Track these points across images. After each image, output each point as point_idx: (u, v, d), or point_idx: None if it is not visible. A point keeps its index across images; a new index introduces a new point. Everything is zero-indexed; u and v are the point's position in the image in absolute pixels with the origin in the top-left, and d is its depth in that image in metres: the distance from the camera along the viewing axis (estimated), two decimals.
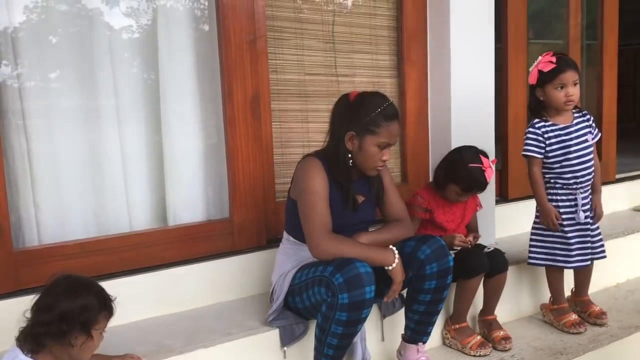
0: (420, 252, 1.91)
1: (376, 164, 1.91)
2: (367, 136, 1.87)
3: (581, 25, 3.35)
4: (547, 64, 2.26)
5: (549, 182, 2.35)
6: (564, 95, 2.26)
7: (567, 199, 2.32)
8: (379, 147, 1.88)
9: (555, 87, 2.26)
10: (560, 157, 2.31)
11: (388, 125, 1.87)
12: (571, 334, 2.35)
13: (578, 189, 2.32)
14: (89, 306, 1.45)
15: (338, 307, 1.72)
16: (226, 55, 2.22)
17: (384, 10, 2.67)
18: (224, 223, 2.29)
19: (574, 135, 2.31)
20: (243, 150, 2.28)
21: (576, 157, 2.30)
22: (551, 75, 2.25)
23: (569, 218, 2.32)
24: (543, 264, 2.40)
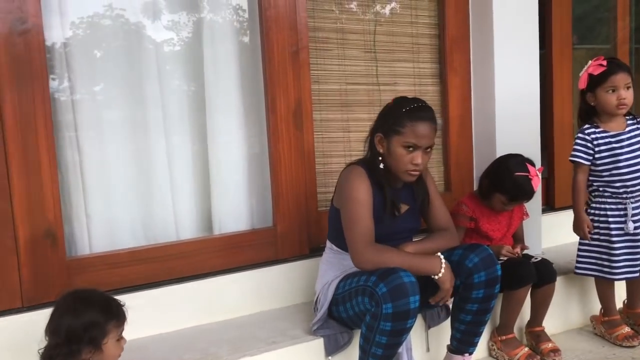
0: (468, 260, 1.88)
1: (406, 167, 1.86)
2: (393, 137, 1.86)
3: (629, 28, 3.26)
4: (597, 67, 2.22)
5: (598, 191, 2.29)
6: (615, 98, 2.20)
7: (617, 208, 2.26)
8: (406, 148, 1.84)
9: (607, 90, 2.21)
10: (610, 165, 2.25)
11: (413, 125, 1.83)
12: (624, 347, 2.28)
13: (628, 199, 2.25)
14: (92, 322, 1.45)
15: (382, 317, 1.71)
16: (269, 67, 2.25)
17: (425, 18, 2.66)
18: (267, 232, 2.32)
19: (625, 143, 2.25)
20: (286, 160, 2.30)
21: (626, 165, 2.23)
22: (602, 78, 2.20)
23: (617, 228, 2.25)
24: (589, 274, 2.34)
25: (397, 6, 2.61)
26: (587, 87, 2.26)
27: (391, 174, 1.92)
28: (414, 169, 1.87)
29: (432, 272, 1.83)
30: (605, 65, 2.21)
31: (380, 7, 2.56)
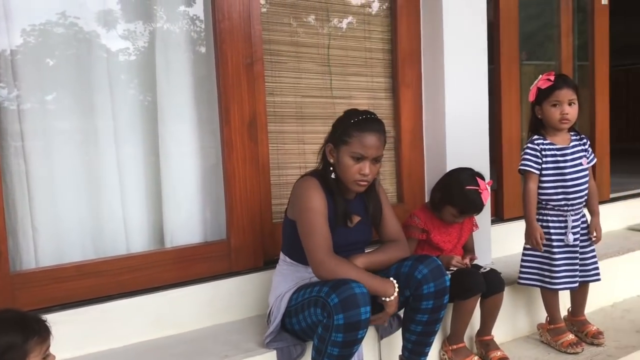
0: (417, 271, 1.91)
1: (354, 177, 1.89)
2: (341, 147, 1.89)
3: (573, 46, 3.40)
4: (545, 82, 2.31)
5: (541, 203, 2.37)
6: (559, 112, 2.28)
7: (558, 220, 2.34)
8: (353, 159, 1.88)
9: (551, 104, 2.29)
10: (554, 177, 2.33)
11: (360, 136, 1.86)
12: (568, 354, 2.35)
13: (569, 211, 2.33)
14: (9, 344, 1.35)
15: (334, 328, 1.72)
16: (223, 79, 2.25)
17: (378, 34, 2.71)
18: (221, 245, 2.30)
19: (569, 157, 2.34)
20: (240, 172, 2.29)
21: (570, 179, 2.32)
22: (548, 92, 2.29)
23: (558, 239, 2.33)
24: (532, 284, 2.41)
25: (351, 21, 2.65)
26: (535, 100, 2.34)
27: (342, 184, 1.95)
28: (361, 179, 1.89)
29: (385, 294, 1.85)
30: (553, 80, 2.29)
31: (335, 22, 2.60)
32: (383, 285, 1.86)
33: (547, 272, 2.35)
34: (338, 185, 1.95)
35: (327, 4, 2.57)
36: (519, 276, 2.43)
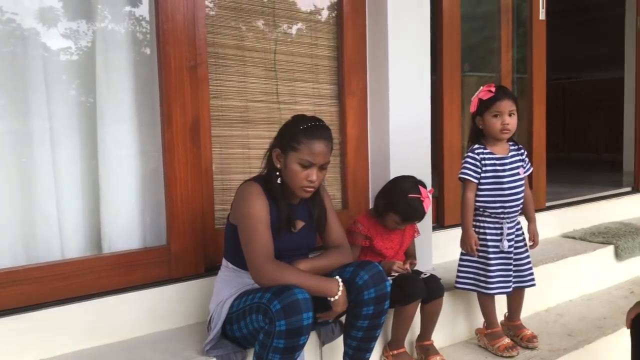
0: (358, 277, 1.93)
1: (301, 184, 1.90)
2: (289, 153, 1.89)
3: (512, 59, 3.52)
4: (486, 93, 2.37)
5: (478, 210, 2.43)
6: (500, 123, 2.35)
7: (494, 227, 2.41)
8: (301, 165, 1.88)
9: (493, 114, 2.35)
10: (492, 186, 2.40)
11: (309, 143, 1.87)
12: (504, 357, 2.41)
13: (505, 219, 2.41)
14: None
15: (275, 334, 1.71)
16: (166, 81, 2.21)
17: (324, 41, 2.73)
18: (161, 250, 2.25)
19: (507, 167, 2.41)
20: (182, 176, 2.25)
21: (507, 188, 2.39)
22: (489, 103, 2.35)
23: (494, 246, 2.40)
24: (468, 288, 2.47)
25: (298, 27, 2.66)
26: (476, 111, 2.40)
27: (287, 189, 1.94)
28: (308, 185, 1.90)
29: (329, 294, 1.86)
30: (494, 91, 2.36)
31: (282, 28, 2.60)
32: (327, 285, 1.86)
33: (482, 278, 2.41)
34: (282, 190, 1.95)
35: (274, 10, 2.56)
36: (456, 280, 2.48)
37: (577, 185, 4.50)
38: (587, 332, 2.68)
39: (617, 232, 3.60)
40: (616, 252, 3.37)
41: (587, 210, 3.85)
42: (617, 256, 3.37)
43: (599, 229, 3.70)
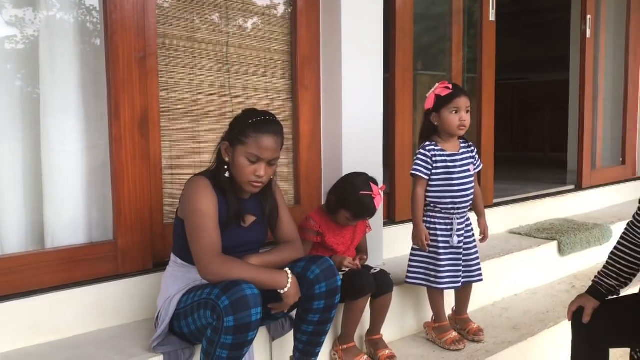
0: (309, 272, 1.93)
1: (248, 178, 1.88)
2: (237, 147, 1.88)
3: (463, 59, 3.59)
4: (444, 90, 2.40)
5: (429, 206, 2.47)
6: (458, 119, 2.39)
7: (445, 223, 2.45)
8: (249, 160, 1.87)
9: (451, 110, 2.39)
10: (443, 182, 2.44)
11: (257, 137, 1.85)
12: (451, 350, 2.46)
13: (455, 214, 2.46)
14: None
15: (223, 330, 1.69)
16: (114, 72, 2.15)
17: (278, 35, 2.71)
18: (107, 246, 2.19)
19: (458, 163, 2.46)
20: (129, 170, 2.20)
21: (458, 184, 2.44)
22: (447, 99, 2.38)
23: (444, 241, 2.45)
24: (418, 283, 2.50)
25: (251, 21, 2.63)
26: (433, 107, 2.43)
27: (236, 183, 1.93)
28: (256, 180, 1.89)
29: (278, 286, 1.85)
30: (451, 88, 2.40)
31: (235, 21, 2.57)
32: (276, 277, 1.85)
33: (432, 272, 2.45)
34: (232, 185, 1.93)
35: (227, 2, 2.53)
36: (407, 275, 2.52)
37: (524, 183, 4.63)
38: (530, 325, 2.77)
39: (560, 228, 3.73)
40: (559, 247, 3.49)
41: (532, 207, 3.97)
42: (560, 252, 3.49)
43: (543, 225, 3.82)
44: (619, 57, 5.03)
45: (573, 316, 2.04)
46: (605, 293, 2.01)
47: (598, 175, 4.71)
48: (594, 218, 4.14)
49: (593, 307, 1.97)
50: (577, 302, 2.03)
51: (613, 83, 5.03)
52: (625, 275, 2.01)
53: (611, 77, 5.01)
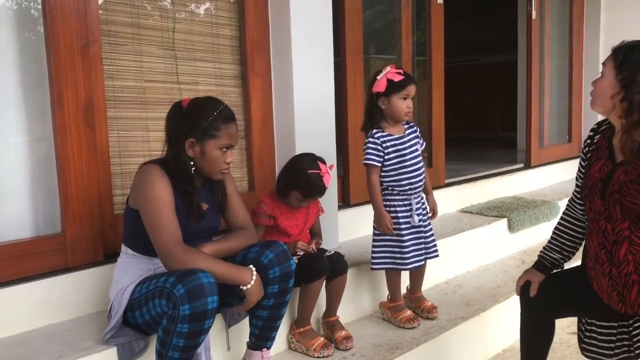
0: (263, 256, 1.94)
1: (221, 167, 1.93)
2: (208, 141, 1.88)
3: (412, 42, 3.62)
4: (396, 75, 2.41)
5: (387, 189, 2.50)
6: (406, 106, 2.43)
7: (404, 204, 2.49)
8: (222, 150, 1.90)
9: (402, 97, 2.42)
10: (397, 165, 2.47)
11: (227, 128, 1.89)
12: (406, 329, 2.51)
13: (412, 194, 2.50)
14: None
15: (179, 319, 1.68)
16: (55, 60, 2.09)
17: (225, 20, 2.68)
18: (55, 239, 2.14)
19: (407, 144, 2.49)
20: (76, 160, 2.15)
21: (411, 164, 2.48)
22: (400, 86, 2.40)
23: (405, 222, 2.49)
24: (385, 267, 2.53)
25: (197, 6, 2.59)
26: (384, 91, 2.44)
27: (197, 176, 1.93)
28: (227, 167, 1.94)
29: (241, 282, 1.85)
30: (403, 74, 2.42)
31: (180, 6, 2.52)
32: (240, 272, 1.85)
33: (398, 255, 2.48)
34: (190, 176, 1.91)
35: None
36: (372, 262, 2.53)
37: (476, 163, 4.74)
38: (482, 301, 2.85)
39: (510, 206, 3.84)
40: (509, 224, 3.59)
41: (483, 186, 4.07)
42: (510, 228, 3.60)
43: (494, 203, 3.93)
44: (563, 38, 5.17)
45: (521, 290, 2.11)
46: (550, 267, 2.09)
47: (546, 154, 4.86)
48: (542, 195, 4.28)
49: (539, 281, 2.05)
50: (524, 277, 2.10)
51: (558, 63, 5.18)
52: (567, 249, 2.09)
53: (556, 58, 5.16)
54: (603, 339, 1.98)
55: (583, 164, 2.02)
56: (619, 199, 1.78)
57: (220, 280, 1.77)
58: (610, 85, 1.79)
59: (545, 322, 2.09)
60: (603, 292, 1.86)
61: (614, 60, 1.80)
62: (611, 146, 1.89)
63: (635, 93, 1.73)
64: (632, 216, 1.77)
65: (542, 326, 2.09)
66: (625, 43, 1.83)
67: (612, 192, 1.80)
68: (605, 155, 1.89)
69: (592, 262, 1.89)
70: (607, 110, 1.84)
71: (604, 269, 1.84)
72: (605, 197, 1.82)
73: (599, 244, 1.86)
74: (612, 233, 1.81)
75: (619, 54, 1.80)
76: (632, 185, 1.75)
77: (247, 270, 1.87)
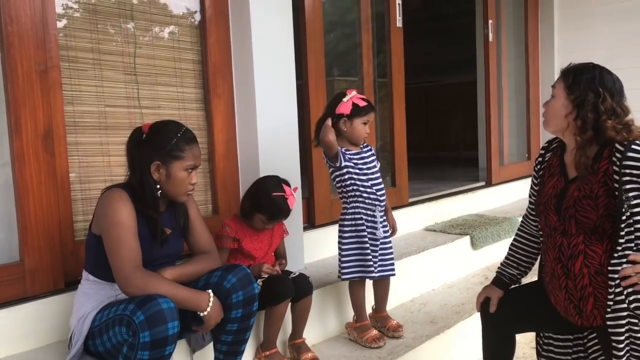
0: (226, 281, 1.94)
1: (187, 189, 1.94)
2: (173, 162, 1.89)
3: (373, 64, 3.69)
4: (360, 101, 2.48)
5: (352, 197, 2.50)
6: (365, 131, 2.51)
7: (367, 214, 2.50)
8: (187, 171, 1.92)
9: (363, 122, 2.49)
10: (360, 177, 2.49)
11: (191, 148, 1.92)
12: (372, 348, 2.52)
13: (377, 206, 2.53)
14: None
15: (140, 346, 1.66)
16: (12, 86, 2.07)
17: (187, 44, 2.69)
18: (13, 268, 2.10)
19: (365, 159, 2.54)
20: (35, 187, 2.12)
21: (369, 178, 2.51)
22: (364, 111, 2.48)
23: (371, 232, 2.50)
24: (354, 277, 2.51)
25: (159, 30, 2.60)
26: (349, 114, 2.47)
27: (161, 200, 1.93)
28: (192, 188, 1.96)
29: (198, 308, 1.84)
30: (367, 102, 2.50)
31: (141, 31, 2.52)
32: (197, 298, 1.84)
33: (362, 263, 2.49)
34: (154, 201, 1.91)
35: (132, 12, 2.49)
36: (341, 272, 2.52)
37: (439, 182, 4.82)
38: (447, 318, 2.88)
39: (472, 223, 3.91)
40: (472, 241, 3.66)
41: (446, 204, 4.14)
42: (473, 245, 3.66)
43: (457, 221, 3.99)
44: (520, 59, 5.34)
45: (481, 306, 2.15)
46: (508, 282, 2.14)
47: (506, 171, 4.98)
48: (503, 212, 4.37)
49: (498, 297, 2.09)
50: (484, 293, 2.15)
51: (516, 83, 5.34)
52: (524, 264, 2.14)
53: (514, 78, 5.32)
54: (560, 352, 2.03)
55: (535, 181, 2.09)
56: (574, 214, 1.84)
57: (180, 306, 1.77)
58: (563, 105, 1.87)
59: (506, 337, 2.13)
60: (560, 306, 1.91)
61: (565, 82, 1.88)
62: (563, 163, 1.96)
63: (588, 111, 1.82)
64: (586, 230, 1.83)
65: (503, 341, 2.13)
66: (573, 65, 1.92)
67: (567, 207, 1.87)
68: (558, 172, 1.96)
69: (549, 277, 1.95)
70: (560, 130, 1.91)
71: (560, 282, 1.89)
72: (561, 212, 1.89)
73: (555, 259, 1.91)
74: (567, 247, 1.87)
75: (568, 75, 1.88)
76: (586, 201, 1.82)
77: (204, 295, 1.86)
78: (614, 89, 1.83)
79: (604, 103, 1.80)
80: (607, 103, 1.80)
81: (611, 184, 1.77)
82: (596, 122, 1.81)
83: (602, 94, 1.80)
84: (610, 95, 1.81)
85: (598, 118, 1.80)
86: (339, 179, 2.52)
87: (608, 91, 1.82)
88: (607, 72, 1.86)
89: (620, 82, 1.87)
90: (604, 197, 1.79)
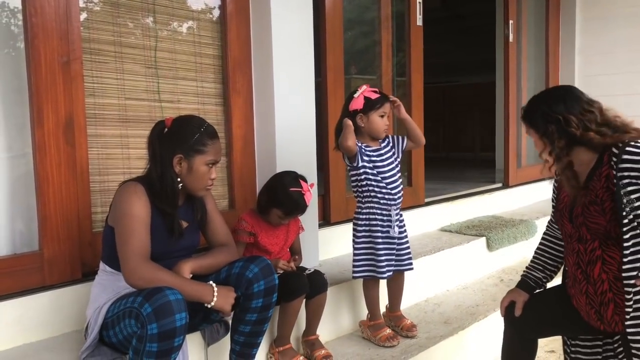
0: (248, 271, 1.95)
1: (206, 183, 1.96)
2: (195, 156, 1.91)
3: (392, 62, 3.68)
4: (372, 93, 2.45)
5: (367, 198, 2.49)
6: (384, 123, 2.47)
7: (382, 215, 2.49)
8: (208, 166, 1.94)
9: (380, 114, 2.46)
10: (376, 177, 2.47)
11: (214, 143, 1.95)
12: (386, 347, 2.51)
13: (392, 206, 2.51)
14: None
15: (148, 338, 1.67)
16: (36, 77, 2.09)
17: (208, 39, 2.70)
18: (32, 257, 2.12)
19: (383, 157, 2.52)
20: (55, 178, 2.14)
21: (387, 176, 2.50)
22: (377, 103, 2.45)
23: (384, 232, 2.50)
24: (364, 276, 2.52)
25: (180, 25, 2.61)
26: (362, 109, 2.46)
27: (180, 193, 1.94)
28: (211, 183, 1.98)
29: (203, 300, 1.85)
30: (379, 93, 2.47)
31: (163, 25, 2.54)
32: (201, 290, 1.85)
33: (374, 263, 2.48)
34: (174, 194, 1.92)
35: (155, 6, 2.50)
36: (353, 271, 2.52)
37: (455, 182, 4.79)
38: (461, 319, 2.87)
39: (488, 225, 3.88)
40: (488, 243, 3.63)
41: (462, 205, 4.11)
42: (489, 247, 3.64)
43: (473, 222, 3.97)
44: (540, 60, 5.29)
45: (506, 310, 2.13)
46: (533, 286, 2.12)
47: (523, 173, 4.93)
48: (520, 214, 4.33)
49: (524, 301, 2.07)
50: (509, 297, 2.13)
51: (535, 85, 5.29)
52: (550, 268, 2.13)
53: (533, 79, 5.26)
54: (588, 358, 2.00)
55: (555, 185, 2.08)
56: (584, 221, 1.83)
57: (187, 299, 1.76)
58: (538, 144, 1.92)
59: (529, 341, 2.11)
60: (582, 310, 1.90)
61: (526, 124, 1.92)
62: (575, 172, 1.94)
63: (555, 140, 1.82)
64: (599, 236, 1.81)
65: (525, 345, 2.12)
66: (522, 108, 1.96)
67: (577, 215, 1.86)
68: None
69: (571, 281, 1.93)
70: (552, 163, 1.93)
71: (581, 287, 1.87)
72: (572, 220, 1.87)
73: (574, 264, 1.90)
74: (585, 253, 1.85)
75: (525, 119, 1.92)
76: (593, 207, 1.80)
77: (207, 287, 1.86)
78: (568, 103, 1.81)
79: (569, 124, 1.78)
80: (572, 122, 1.78)
81: (614, 188, 1.75)
82: (576, 141, 1.80)
83: (562, 118, 1.79)
84: (569, 112, 1.79)
85: (575, 138, 1.79)
86: (355, 178, 2.51)
87: (566, 111, 1.80)
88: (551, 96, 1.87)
89: (568, 89, 1.87)
90: (609, 202, 1.77)
